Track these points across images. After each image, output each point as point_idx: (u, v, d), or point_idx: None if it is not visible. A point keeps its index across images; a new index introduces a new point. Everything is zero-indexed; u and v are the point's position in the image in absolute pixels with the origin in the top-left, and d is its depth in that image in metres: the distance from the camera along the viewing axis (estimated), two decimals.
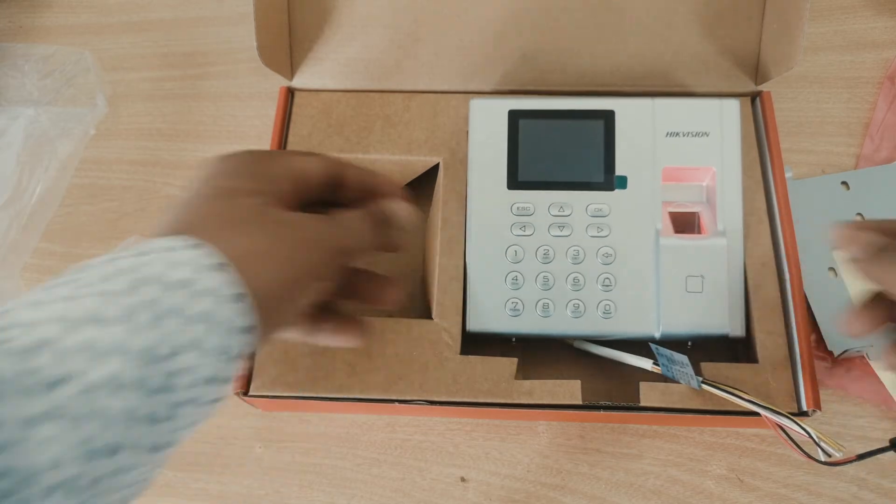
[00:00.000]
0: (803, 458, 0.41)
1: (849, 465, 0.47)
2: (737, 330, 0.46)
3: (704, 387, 0.43)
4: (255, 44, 0.49)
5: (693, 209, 0.48)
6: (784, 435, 0.41)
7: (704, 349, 0.48)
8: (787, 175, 0.50)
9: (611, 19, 0.53)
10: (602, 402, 0.44)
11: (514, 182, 0.49)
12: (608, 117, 0.48)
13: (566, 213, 0.48)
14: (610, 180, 0.48)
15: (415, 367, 0.45)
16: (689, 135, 0.48)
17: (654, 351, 0.43)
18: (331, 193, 0.37)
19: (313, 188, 0.36)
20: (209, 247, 0.29)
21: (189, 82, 0.64)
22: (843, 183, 0.55)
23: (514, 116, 0.49)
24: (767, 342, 0.45)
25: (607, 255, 0.47)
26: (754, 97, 0.53)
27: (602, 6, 0.53)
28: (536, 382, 0.45)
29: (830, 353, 0.50)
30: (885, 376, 0.49)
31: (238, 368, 0.29)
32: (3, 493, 0.22)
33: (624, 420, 0.49)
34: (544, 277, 0.47)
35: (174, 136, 0.62)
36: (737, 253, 0.47)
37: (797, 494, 0.47)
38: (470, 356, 0.46)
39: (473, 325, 0.47)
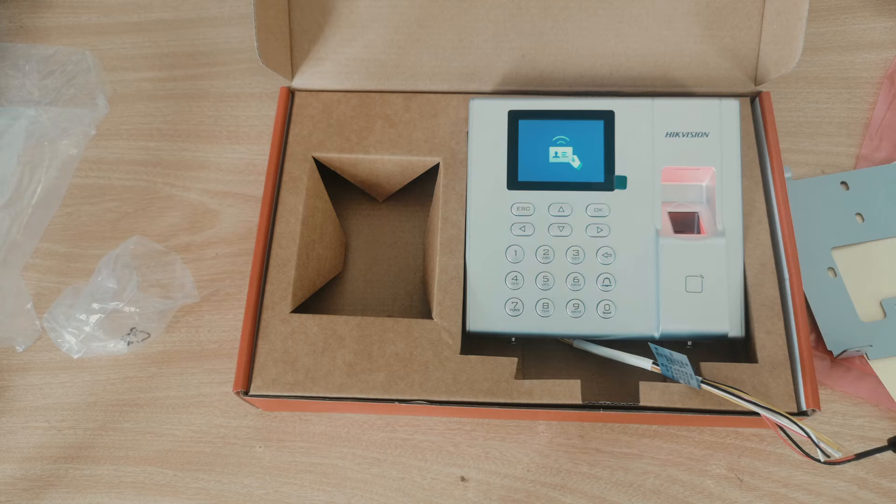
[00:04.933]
0: (803, 458, 0.41)
1: (848, 465, 0.47)
2: (736, 330, 0.46)
3: (704, 386, 0.43)
4: (255, 44, 0.49)
5: (692, 209, 0.48)
6: (783, 435, 0.41)
7: (704, 349, 0.49)
8: (787, 175, 0.50)
9: (611, 20, 0.53)
10: (602, 402, 0.45)
11: (514, 182, 0.49)
12: (608, 117, 0.49)
13: (566, 213, 0.48)
14: (610, 180, 0.48)
15: (415, 367, 0.46)
16: (689, 135, 0.48)
17: (654, 351, 0.43)
18: None
19: None
20: None
21: (189, 82, 0.64)
22: (843, 183, 0.56)
23: (514, 116, 0.49)
24: (767, 342, 0.45)
25: (607, 255, 0.47)
26: (754, 97, 0.53)
27: (602, 7, 0.53)
28: (536, 382, 0.45)
29: (830, 352, 0.50)
30: (884, 376, 0.49)
31: None
32: None
33: (624, 420, 0.49)
34: (544, 277, 0.47)
35: (174, 136, 0.62)
36: (736, 253, 0.47)
37: (797, 494, 0.47)
38: (470, 356, 0.46)
39: (473, 324, 0.47)
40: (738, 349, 0.49)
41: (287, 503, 0.48)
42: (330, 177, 0.54)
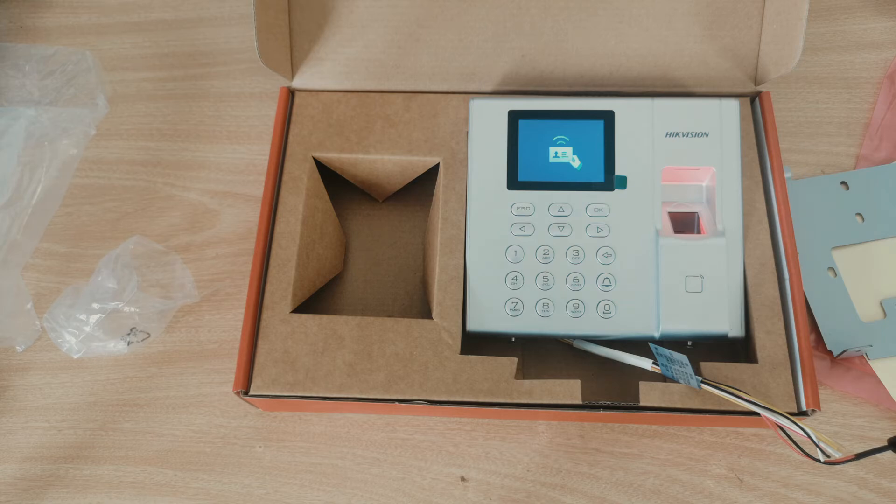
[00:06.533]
0: (803, 458, 0.41)
1: (848, 465, 0.47)
2: (736, 330, 0.46)
3: (704, 387, 0.43)
4: (255, 44, 0.49)
5: (692, 209, 0.48)
6: (783, 435, 0.41)
7: (704, 349, 0.49)
8: (787, 175, 0.50)
9: (611, 20, 0.53)
10: (602, 402, 0.45)
11: (514, 182, 0.49)
12: (608, 117, 0.49)
13: (566, 213, 0.48)
14: (610, 180, 0.48)
15: (415, 367, 0.46)
16: (689, 135, 0.48)
17: (654, 351, 0.43)
18: None
19: None
20: None
21: (189, 82, 0.64)
22: (843, 183, 0.56)
23: (514, 116, 0.49)
24: (767, 342, 0.45)
25: (607, 255, 0.47)
26: (754, 97, 0.53)
27: (602, 7, 0.53)
28: (536, 382, 0.45)
29: (830, 352, 0.50)
30: (884, 376, 0.49)
31: None
32: None
33: (624, 420, 0.49)
34: (544, 277, 0.47)
35: (174, 136, 0.62)
36: (736, 253, 0.47)
37: (797, 494, 0.47)
38: (470, 356, 0.46)
39: (473, 324, 0.47)
40: (738, 349, 0.49)
41: (287, 503, 0.48)
42: (330, 177, 0.54)
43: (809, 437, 0.40)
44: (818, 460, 0.40)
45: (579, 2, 0.53)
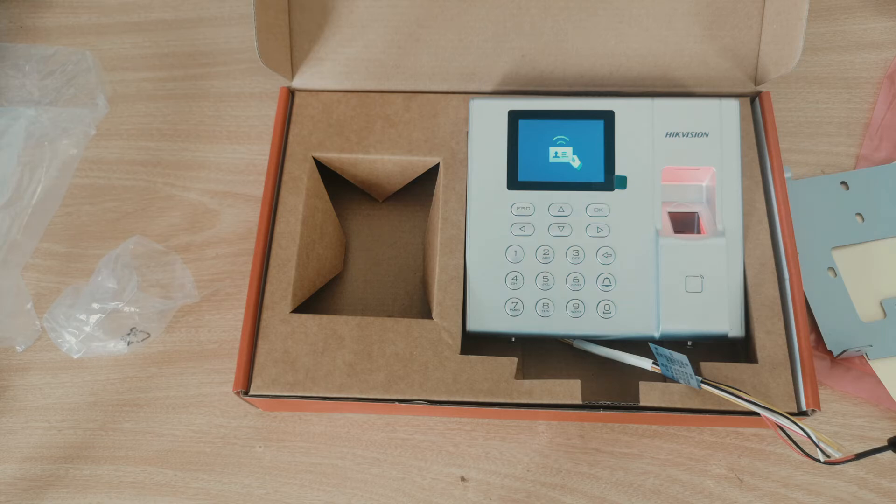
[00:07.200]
0: (803, 458, 0.41)
1: (848, 465, 0.47)
2: (736, 330, 0.46)
3: (704, 386, 0.43)
4: (255, 44, 0.49)
5: (692, 209, 0.49)
6: (783, 435, 0.41)
7: (704, 349, 0.49)
8: (787, 175, 0.50)
9: (611, 20, 0.53)
10: (602, 402, 0.45)
11: (514, 182, 0.49)
12: (608, 117, 0.49)
13: (566, 213, 0.48)
14: (610, 180, 0.48)
15: (415, 367, 0.46)
16: (689, 135, 0.48)
17: (654, 351, 0.43)
18: None
19: None
20: None
21: (189, 82, 0.64)
22: (843, 183, 0.56)
23: (514, 116, 0.49)
24: (767, 342, 0.45)
25: (607, 255, 0.47)
26: (754, 97, 0.53)
27: (602, 7, 0.53)
28: (536, 382, 0.45)
29: (830, 352, 0.50)
30: (884, 376, 0.49)
31: None
32: None
33: (624, 420, 0.49)
34: (544, 277, 0.47)
35: (174, 136, 0.62)
36: (736, 253, 0.47)
37: (797, 494, 0.47)
38: (470, 356, 0.46)
39: (473, 324, 0.47)
40: (738, 349, 0.49)
41: (287, 503, 0.48)
42: (330, 177, 0.54)
43: (809, 437, 0.40)
44: (818, 460, 0.40)
45: (579, 2, 0.53)
